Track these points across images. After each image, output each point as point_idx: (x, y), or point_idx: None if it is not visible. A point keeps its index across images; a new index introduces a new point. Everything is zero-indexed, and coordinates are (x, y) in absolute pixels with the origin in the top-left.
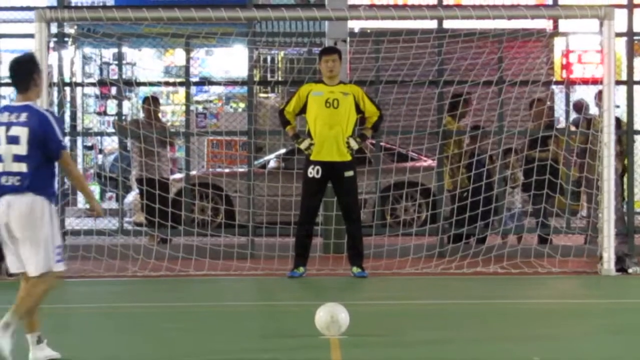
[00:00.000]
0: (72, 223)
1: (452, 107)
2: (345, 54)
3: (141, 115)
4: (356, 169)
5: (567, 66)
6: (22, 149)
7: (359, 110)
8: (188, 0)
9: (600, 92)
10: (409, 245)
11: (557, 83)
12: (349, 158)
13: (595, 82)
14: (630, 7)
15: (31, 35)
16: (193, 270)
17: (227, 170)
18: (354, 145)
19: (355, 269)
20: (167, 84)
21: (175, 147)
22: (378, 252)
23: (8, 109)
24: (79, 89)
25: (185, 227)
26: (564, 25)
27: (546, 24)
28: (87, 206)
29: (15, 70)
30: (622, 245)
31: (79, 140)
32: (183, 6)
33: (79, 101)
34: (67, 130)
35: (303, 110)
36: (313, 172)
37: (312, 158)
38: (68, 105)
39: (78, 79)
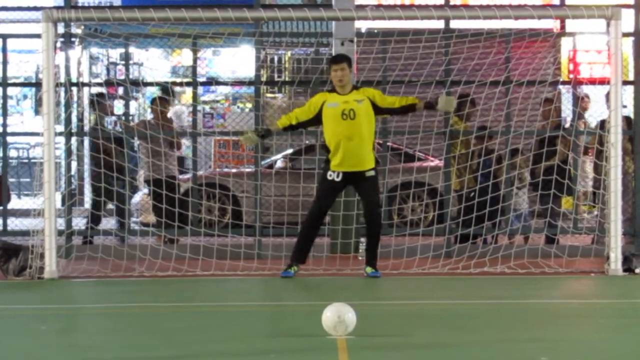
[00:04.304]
0: (79, 223)
1: (459, 107)
2: (352, 54)
3: (149, 115)
4: (377, 169)
5: (574, 66)
6: None
7: (377, 109)
8: (195, 0)
9: (609, 93)
10: (416, 245)
11: (564, 83)
12: (371, 166)
13: (602, 82)
14: (638, 7)
15: (38, 36)
16: (200, 271)
17: (234, 170)
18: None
19: (368, 269)
20: (174, 84)
21: (182, 147)
22: (385, 252)
23: None
24: (85, 89)
25: (192, 228)
26: (571, 25)
27: (553, 24)
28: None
29: None
30: (629, 245)
31: (86, 140)
32: (190, 6)
33: (85, 101)
34: (74, 130)
35: (317, 121)
36: (333, 175)
37: (332, 168)
38: (75, 105)
39: (85, 79)
